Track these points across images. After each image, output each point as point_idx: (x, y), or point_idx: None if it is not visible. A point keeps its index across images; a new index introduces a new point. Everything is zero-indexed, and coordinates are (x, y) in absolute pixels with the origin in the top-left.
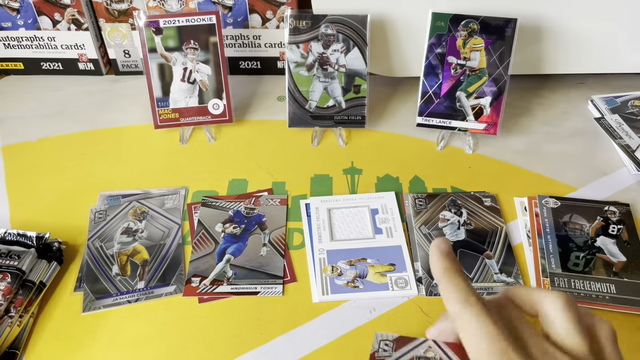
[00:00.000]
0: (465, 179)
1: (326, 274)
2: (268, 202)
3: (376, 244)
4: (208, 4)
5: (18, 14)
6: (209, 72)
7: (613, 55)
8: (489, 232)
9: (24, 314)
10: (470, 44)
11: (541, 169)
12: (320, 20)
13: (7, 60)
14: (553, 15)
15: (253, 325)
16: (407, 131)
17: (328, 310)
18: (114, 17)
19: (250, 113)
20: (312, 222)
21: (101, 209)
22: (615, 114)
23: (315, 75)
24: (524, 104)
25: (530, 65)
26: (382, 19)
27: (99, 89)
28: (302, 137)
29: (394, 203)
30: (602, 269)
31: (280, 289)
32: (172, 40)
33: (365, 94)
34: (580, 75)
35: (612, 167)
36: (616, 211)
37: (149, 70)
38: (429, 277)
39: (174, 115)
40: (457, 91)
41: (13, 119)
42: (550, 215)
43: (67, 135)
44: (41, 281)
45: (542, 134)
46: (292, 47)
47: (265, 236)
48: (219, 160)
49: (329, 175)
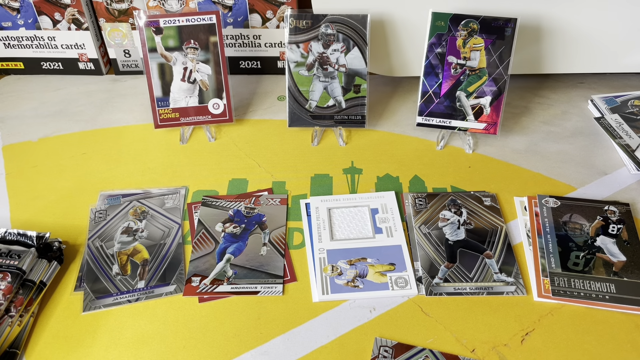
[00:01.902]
0: (465, 178)
1: (326, 273)
2: (268, 202)
3: (376, 244)
4: (208, 4)
5: (18, 13)
6: (209, 71)
7: (613, 55)
8: (489, 231)
9: (25, 313)
10: (470, 43)
11: (541, 168)
12: (320, 20)
13: (7, 60)
14: (553, 15)
15: (253, 325)
16: (407, 131)
17: (328, 309)
18: (114, 16)
19: (251, 113)
20: (312, 221)
21: (101, 208)
22: (615, 114)
23: (315, 75)
24: (523, 103)
25: (530, 65)
26: (382, 18)
27: (99, 89)
28: (302, 136)
29: (394, 202)
30: (602, 269)
31: (280, 289)
32: (172, 40)
33: (365, 94)
34: (580, 75)
35: (612, 167)
36: (616, 211)
37: (149, 70)
38: (428, 277)
39: (174, 115)
40: (457, 91)
41: (13, 118)
42: (550, 214)
43: (67, 135)
44: (41, 281)
45: (542, 134)
46: (292, 47)
47: (265, 236)
48: (219, 159)
49: (329, 174)
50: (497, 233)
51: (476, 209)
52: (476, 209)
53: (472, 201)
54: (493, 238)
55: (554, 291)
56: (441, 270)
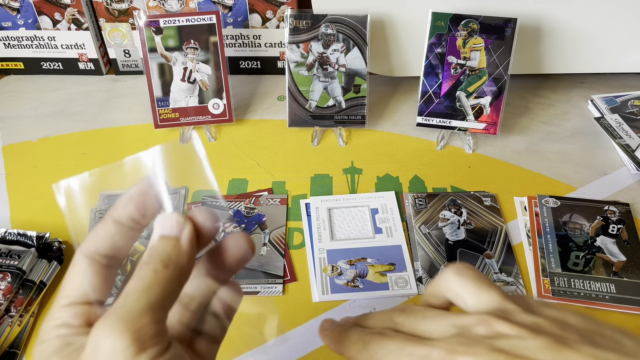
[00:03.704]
0: (465, 178)
1: (326, 273)
2: (268, 202)
3: (376, 244)
4: (208, 4)
5: (18, 13)
6: (209, 71)
7: (613, 54)
8: (488, 231)
9: (25, 313)
10: (470, 43)
11: (541, 168)
12: (320, 20)
13: (7, 60)
14: (553, 15)
15: (253, 325)
16: (407, 131)
17: (328, 309)
18: (114, 16)
19: (250, 113)
20: (312, 221)
21: (101, 208)
22: (615, 114)
23: (315, 75)
24: (523, 103)
25: (530, 65)
26: (382, 18)
27: (99, 89)
28: (302, 136)
29: (394, 203)
30: (602, 269)
31: (280, 289)
32: (172, 40)
33: (365, 94)
34: (580, 75)
35: (612, 167)
36: (616, 211)
37: (149, 70)
38: (429, 277)
39: (174, 115)
40: (457, 91)
41: (13, 118)
42: (550, 214)
43: (67, 135)
44: (41, 281)
45: (542, 134)
46: (292, 47)
47: (265, 236)
48: (219, 159)
49: (329, 174)
50: (497, 233)
51: (476, 209)
52: (476, 209)
53: (472, 201)
54: (493, 238)
55: (553, 291)
56: (441, 270)
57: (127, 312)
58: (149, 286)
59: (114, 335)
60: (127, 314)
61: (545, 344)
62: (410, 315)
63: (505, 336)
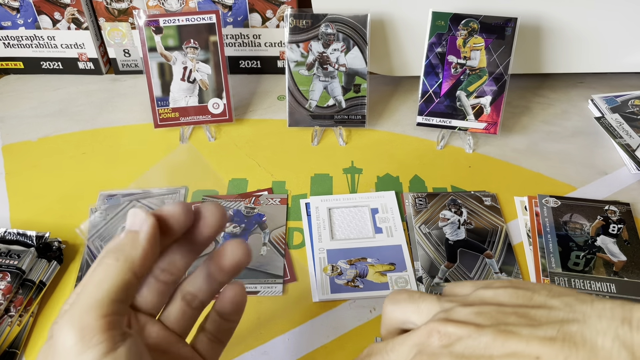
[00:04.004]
0: (465, 178)
1: (326, 273)
2: (268, 202)
3: (376, 244)
4: (208, 3)
5: (18, 13)
6: (209, 71)
7: (613, 54)
8: (489, 231)
9: (24, 313)
10: (470, 43)
11: (541, 168)
12: (320, 19)
13: (7, 59)
14: (553, 15)
15: (253, 325)
16: (407, 130)
17: (328, 309)
18: (113, 16)
19: (250, 112)
20: (312, 221)
21: (101, 208)
22: (616, 113)
23: (315, 75)
24: (524, 103)
25: (531, 64)
26: (382, 18)
27: (99, 88)
28: (302, 136)
29: (394, 202)
30: (603, 269)
31: (280, 289)
32: (172, 40)
33: (365, 93)
34: (580, 75)
35: (612, 167)
36: (616, 210)
37: (149, 70)
38: (429, 277)
39: (173, 115)
40: (457, 90)
41: (13, 118)
42: (550, 214)
43: (67, 135)
44: (41, 280)
45: (542, 133)
46: (292, 47)
47: (265, 235)
48: (219, 159)
49: (329, 174)
50: (497, 233)
51: (476, 209)
52: (476, 209)
53: (473, 201)
54: (493, 238)
55: None
56: (441, 270)
57: (76, 308)
58: (100, 281)
59: (64, 332)
60: (75, 310)
61: (491, 337)
62: (376, 356)
63: (458, 338)
